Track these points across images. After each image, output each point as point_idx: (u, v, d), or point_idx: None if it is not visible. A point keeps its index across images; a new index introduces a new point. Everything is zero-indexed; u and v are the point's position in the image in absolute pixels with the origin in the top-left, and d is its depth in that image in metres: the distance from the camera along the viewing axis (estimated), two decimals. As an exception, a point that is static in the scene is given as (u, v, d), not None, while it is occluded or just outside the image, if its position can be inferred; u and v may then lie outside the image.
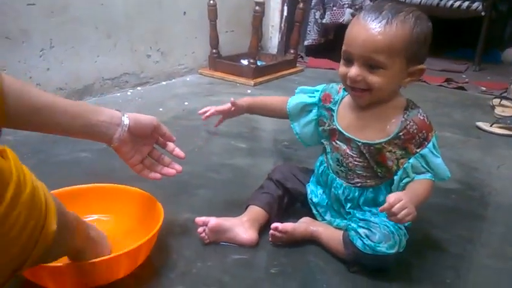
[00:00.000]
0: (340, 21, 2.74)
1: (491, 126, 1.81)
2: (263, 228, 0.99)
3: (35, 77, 1.68)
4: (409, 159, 0.87)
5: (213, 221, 0.94)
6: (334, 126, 0.95)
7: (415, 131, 0.87)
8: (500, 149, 1.64)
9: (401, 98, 0.91)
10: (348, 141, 0.93)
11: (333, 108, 0.96)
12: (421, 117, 0.88)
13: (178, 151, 0.93)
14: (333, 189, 0.97)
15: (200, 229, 0.95)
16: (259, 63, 2.43)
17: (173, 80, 2.29)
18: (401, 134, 0.87)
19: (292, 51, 2.65)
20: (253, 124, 1.70)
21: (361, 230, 0.86)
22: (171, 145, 0.93)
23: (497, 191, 1.31)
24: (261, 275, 0.88)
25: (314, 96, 1.00)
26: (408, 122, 0.87)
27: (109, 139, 0.81)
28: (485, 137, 1.76)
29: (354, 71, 0.84)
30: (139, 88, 2.10)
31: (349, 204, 0.95)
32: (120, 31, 1.96)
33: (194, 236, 0.98)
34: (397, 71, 0.84)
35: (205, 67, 2.45)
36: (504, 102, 2.08)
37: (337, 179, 0.96)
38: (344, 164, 0.94)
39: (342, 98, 0.96)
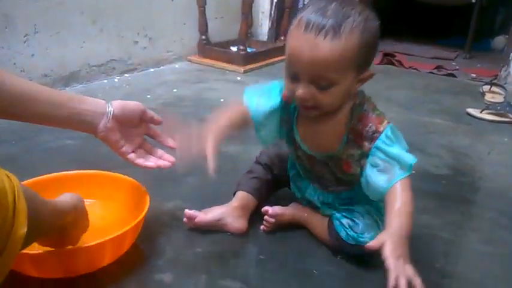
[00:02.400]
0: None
1: (481, 112, 1.81)
2: (252, 214, 0.98)
3: (19, 64, 1.64)
4: (367, 158, 0.80)
5: (200, 217, 0.92)
6: (294, 136, 0.89)
7: (361, 126, 0.80)
8: (490, 135, 1.64)
9: (350, 101, 0.82)
10: (307, 154, 0.88)
11: (293, 114, 0.87)
12: (365, 113, 0.80)
13: (169, 141, 0.89)
14: (307, 195, 0.95)
15: (185, 221, 0.94)
16: (249, 50, 2.40)
17: (161, 67, 2.26)
18: (350, 135, 0.81)
19: (282, 38, 2.62)
20: (243, 111, 1.67)
21: (344, 221, 0.85)
22: (162, 135, 0.90)
23: (487, 177, 1.31)
24: (250, 261, 0.87)
25: (274, 98, 0.88)
26: (353, 122, 0.81)
27: (94, 129, 0.79)
28: (476, 123, 1.76)
29: (301, 91, 0.75)
30: (126, 75, 2.07)
31: (325, 207, 0.93)
32: (106, 17, 1.92)
33: (182, 223, 0.96)
34: (349, 83, 0.76)
35: (194, 54, 2.42)
36: (494, 88, 2.08)
37: (311, 185, 0.94)
38: (313, 172, 0.91)
39: None
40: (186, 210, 0.94)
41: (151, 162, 0.86)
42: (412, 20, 3.59)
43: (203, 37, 2.36)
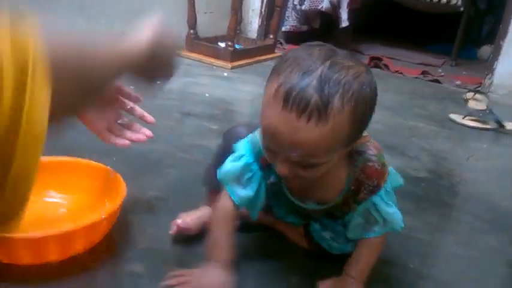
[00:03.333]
0: (319, 8, 2.70)
1: (463, 118, 1.83)
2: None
3: (0, 48, 1.60)
4: (359, 205, 0.74)
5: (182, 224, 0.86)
6: (285, 196, 0.80)
7: (364, 178, 0.72)
8: (471, 141, 1.66)
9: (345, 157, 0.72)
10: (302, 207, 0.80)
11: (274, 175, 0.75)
12: (370, 164, 0.72)
13: (146, 115, 0.87)
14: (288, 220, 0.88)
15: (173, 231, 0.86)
16: (237, 46, 2.39)
17: (148, 60, 2.23)
18: (352, 186, 0.74)
19: (271, 36, 2.62)
20: (227, 106, 1.67)
21: (325, 234, 0.82)
22: (138, 110, 0.87)
23: (466, 181, 1.32)
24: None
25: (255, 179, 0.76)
26: (355, 173, 0.73)
27: None
28: (457, 129, 1.78)
29: (282, 170, 0.65)
30: (112, 66, 2.04)
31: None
32: (94, 8, 1.89)
33: (158, 215, 0.95)
34: (337, 158, 0.66)
35: (182, 48, 2.40)
36: (477, 96, 2.10)
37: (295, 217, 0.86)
38: (303, 213, 0.83)
39: None
40: (179, 222, 0.86)
41: (124, 140, 0.84)
42: (400, 25, 3.62)
43: (192, 31, 2.34)
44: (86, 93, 0.56)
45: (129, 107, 0.86)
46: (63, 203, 0.91)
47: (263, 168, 0.75)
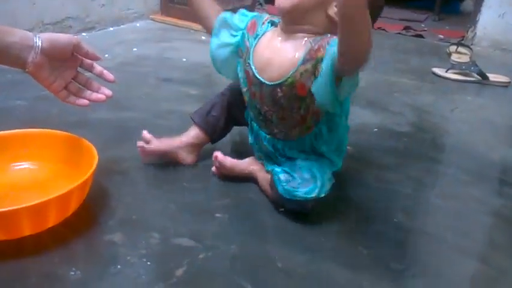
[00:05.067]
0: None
1: (446, 72, 1.81)
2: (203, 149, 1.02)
3: (-38, 19, 1.52)
4: (322, 62, 0.77)
5: (155, 144, 0.97)
6: (248, 65, 0.87)
7: (319, 44, 0.78)
8: (455, 94, 1.64)
9: (322, 32, 0.80)
10: (261, 86, 0.85)
11: (252, 42, 0.87)
12: (327, 36, 0.79)
13: (106, 73, 0.84)
14: (260, 140, 0.94)
15: (140, 145, 0.97)
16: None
17: (121, 26, 2.15)
18: (307, 56, 0.79)
19: (249, -3, 2.53)
20: (206, 71, 1.62)
21: (282, 175, 0.84)
22: (98, 67, 0.84)
23: (449, 134, 1.31)
24: (203, 218, 0.85)
25: (242, 21, 0.90)
26: (313, 44, 0.79)
27: (23, 63, 0.73)
28: (440, 82, 1.76)
29: None
30: (84, 34, 1.96)
31: (277, 154, 0.92)
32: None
33: (135, 183, 0.93)
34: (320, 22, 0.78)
35: (157, 12, 2.32)
36: (460, 49, 2.06)
37: (260, 129, 0.93)
38: (262, 113, 0.89)
39: (264, 33, 0.87)
40: (145, 133, 0.96)
41: (84, 100, 0.82)
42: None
43: (166, -5, 2.26)
44: None
45: (87, 64, 0.83)
46: (33, 174, 0.88)
47: (246, 28, 0.89)
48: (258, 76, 0.85)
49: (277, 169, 0.86)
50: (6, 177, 0.87)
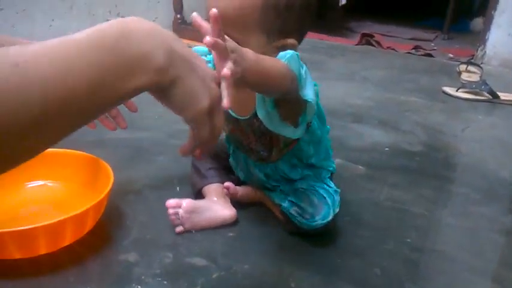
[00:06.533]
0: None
1: (457, 91, 1.81)
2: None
3: (-18, 42, 1.57)
4: None
5: (187, 202, 0.84)
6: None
7: None
8: (466, 113, 1.64)
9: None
10: (237, 121, 0.84)
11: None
12: None
13: (122, 120, 0.87)
14: (251, 173, 0.93)
15: (171, 211, 0.83)
16: (225, 30, 2.35)
17: (135, 47, 2.19)
18: None
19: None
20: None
21: (292, 210, 0.83)
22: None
23: (461, 153, 1.31)
24: (217, 238, 0.85)
25: None
26: None
27: None
28: (451, 102, 1.76)
29: None
30: (99, 55, 2.01)
31: (270, 181, 0.91)
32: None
33: (149, 203, 0.94)
34: (259, 46, 0.70)
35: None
36: (470, 68, 2.07)
37: (249, 158, 0.91)
38: (245, 146, 0.88)
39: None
40: (168, 201, 0.84)
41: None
42: (391, 2, 3.57)
43: (178, 16, 2.30)
44: None
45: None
46: (50, 193, 0.90)
47: None
48: (232, 113, 0.84)
49: (285, 205, 0.85)
50: (22, 195, 0.89)
